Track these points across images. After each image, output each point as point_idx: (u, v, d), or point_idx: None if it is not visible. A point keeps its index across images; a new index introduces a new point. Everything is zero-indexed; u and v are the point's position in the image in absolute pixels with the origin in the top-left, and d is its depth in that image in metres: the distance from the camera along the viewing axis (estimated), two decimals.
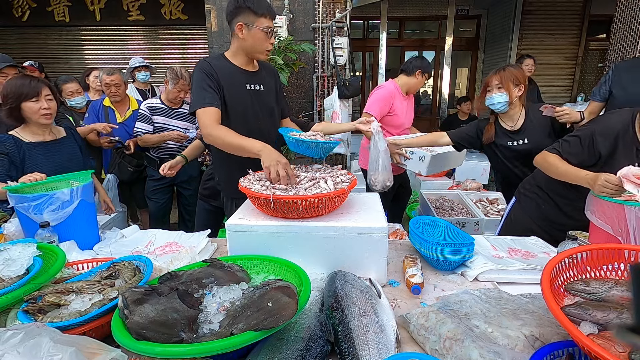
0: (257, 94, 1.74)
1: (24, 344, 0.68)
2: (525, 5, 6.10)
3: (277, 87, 1.87)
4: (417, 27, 7.47)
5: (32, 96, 1.70)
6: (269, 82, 1.81)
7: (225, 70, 1.65)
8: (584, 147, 1.53)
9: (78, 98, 2.97)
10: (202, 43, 5.58)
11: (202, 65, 1.62)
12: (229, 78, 1.65)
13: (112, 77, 2.85)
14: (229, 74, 1.65)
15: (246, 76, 1.70)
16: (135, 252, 1.44)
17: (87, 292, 0.99)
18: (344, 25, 4.47)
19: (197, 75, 1.61)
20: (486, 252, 1.41)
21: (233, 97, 1.65)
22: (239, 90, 1.68)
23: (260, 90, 1.75)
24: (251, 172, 1.46)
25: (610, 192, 1.31)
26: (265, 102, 1.77)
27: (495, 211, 2.94)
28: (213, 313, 0.88)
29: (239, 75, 1.68)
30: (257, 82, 1.74)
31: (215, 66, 1.62)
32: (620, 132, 1.47)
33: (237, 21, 1.58)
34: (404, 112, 2.67)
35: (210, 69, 1.60)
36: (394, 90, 2.64)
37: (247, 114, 1.70)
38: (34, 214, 1.38)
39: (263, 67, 1.81)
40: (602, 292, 0.86)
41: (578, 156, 1.54)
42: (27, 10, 5.76)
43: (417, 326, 0.94)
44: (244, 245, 1.24)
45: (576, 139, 1.56)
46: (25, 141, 1.75)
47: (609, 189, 1.31)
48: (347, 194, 1.32)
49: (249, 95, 1.71)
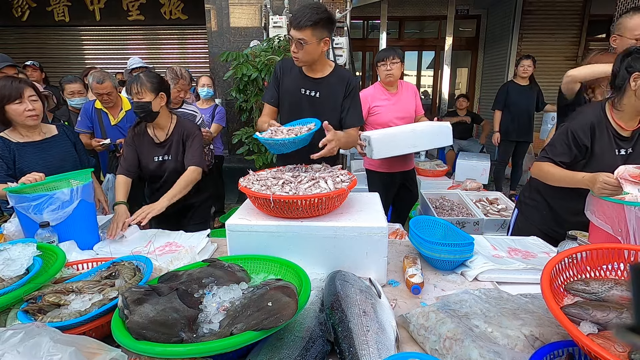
0: (311, 100, 1.83)
1: (24, 343, 0.68)
2: (525, 5, 6.10)
3: (343, 95, 1.85)
4: (417, 27, 7.48)
5: (14, 98, 1.65)
6: (332, 90, 1.83)
7: (292, 72, 1.84)
8: (570, 144, 1.54)
9: (79, 99, 2.95)
10: (202, 43, 5.59)
11: (278, 64, 1.88)
12: (291, 79, 1.84)
13: (103, 86, 2.72)
14: (293, 76, 1.84)
15: (305, 81, 1.82)
16: (135, 252, 1.44)
17: (87, 292, 0.99)
18: (344, 25, 4.47)
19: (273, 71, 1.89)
20: (486, 252, 1.41)
21: (287, 97, 1.82)
22: (295, 93, 1.83)
23: (315, 97, 1.82)
24: (251, 172, 1.47)
25: (610, 193, 1.32)
26: (317, 109, 1.82)
27: (495, 211, 2.93)
28: (213, 313, 0.88)
29: (299, 79, 1.83)
30: (314, 88, 1.82)
31: (285, 66, 1.85)
32: (594, 121, 1.50)
33: None
34: (390, 107, 2.64)
35: (279, 67, 1.85)
36: (371, 92, 2.67)
37: (295, 117, 1.79)
38: (34, 214, 1.38)
39: (333, 75, 1.84)
40: (601, 292, 0.86)
41: (569, 155, 1.54)
42: (27, 10, 5.76)
43: (417, 326, 0.94)
44: (244, 245, 1.24)
45: (560, 140, 1.56)
46: (13, 142, 1.72)
47: (608, 190, 1.32)
48: (347, 194, 1.32)
49: (302, 99, 1.83)
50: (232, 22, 4.76)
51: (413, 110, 2.71)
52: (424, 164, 4.25)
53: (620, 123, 1.49)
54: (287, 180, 1.34)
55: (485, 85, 7.25)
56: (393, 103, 2.65)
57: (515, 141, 4.50)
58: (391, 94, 2.66)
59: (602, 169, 1.39)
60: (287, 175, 1.39)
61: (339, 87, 1.83)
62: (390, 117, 2.62)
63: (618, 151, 1.49)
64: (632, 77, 1.40)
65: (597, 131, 1.49)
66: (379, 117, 2.63)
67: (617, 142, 1.49)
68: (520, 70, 4.26)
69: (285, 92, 1.85)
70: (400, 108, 2.65)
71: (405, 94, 2.71)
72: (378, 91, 2.67)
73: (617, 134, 1.49)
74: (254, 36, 4.63)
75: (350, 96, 1.84)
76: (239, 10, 4.73)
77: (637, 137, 1.50)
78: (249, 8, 4.72)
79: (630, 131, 1.49)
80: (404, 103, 2.68)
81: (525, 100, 4.32)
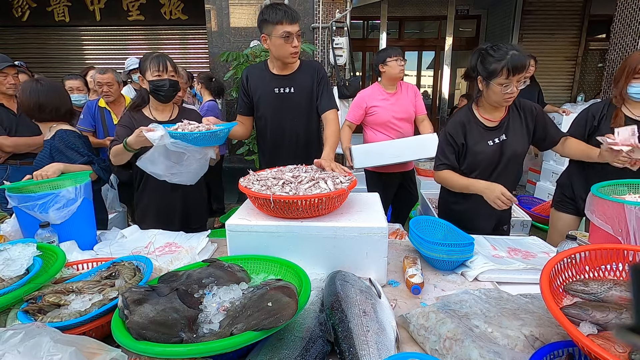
0: (286, 97, 1.86)
1: (24, 343, 0.68)
2: (525, 5, 6.11)
3: (315, 84, 1.91)
4: (417, 27, 7.48)
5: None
6: (304, 82, 1.89)
7: (259, 76, 1.85)
8: (450, 144, 1.70)
9: (78, 95, 2.95)
10: (202, 43, 5.59)
11: (242, 75, 1.90)
12: (260, 83, 1.85)
13: (105, 76, 2.79)
14: (261, 80, 1.85)
15: (277, 80, 1.84)
16: (135, 252, 1.44)
17: (87, 292, 0.99)
18: (344, 25, 4.48)
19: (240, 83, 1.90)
20: (486, 252, 1.41)
21: (263, 100, 1.84)
22: (269, 95, 1.85)
23: (290, 93, 1.86)
24: (251, 172, 1.47)
25: (503, 205, 1.51)
26: (296, 103, 1.87)
27: None
28: (213, 313, 0.88)
29: (270, 80, 1.85)
30: (288, 85, 1.86)
31: (251, 74, 1.87)
32: (464, 120, 1.67)
33: (261, 34, 1.73)
34: (388, 107, 2.64)
35: (244, 78, 1.87)
36: (368, 93, 2.68)
37: (275, 116, 1.84)
38: (40, 212, 1.38)
39: (302, 68, 1.89)
40: (601, 292, 0.86)
41: (454, 153, 1.70)
42: (27, 10, 5.76)
43: (417, 326, 0.94)
44: (244, 245, 1.24)
45: (443, 143, 1.74)
46: None
47: (503, 203, 1.50)
48: (347, 194, 1.32)
49: (278, 98, 1.85)
50: (232, 22, 4.76)
51: (412, 110, 2.70)
52: (423, 164, 4.24)
53: (486, 116, 1.66)
54: (288, 180, 1.34)
55: None
56: (392, 103, 2.64)
57: None
58: (390, 94, 2.65)
59: (478, 160, 1.64)
60: (287, 176, 1.39)
61: (309, 77, 1.89)
62: (388, 117, 2.62)
63: (492, 142, 1.64)
64: (478, 80, 1.59)
65: (467, 127, 1.66)
66: (377, 117, 2.63)
67: (487, 134, 1.65)
68: None
69: (259, 97, 1.88)
70: (399, 108, 2.64)
71: (405, 94, 2.70)
72: (376, 91, 2.66)
73: (484, 127, 1.65)
74: (254, 36, 4.63)
75: (322, 83, 1.92)
76: (239, 11, 4.73)
77: (505, 125, 1.65)
78: (249, 8, 4.72)
79: (497, 122, 1.65)
80: (403, 103, 2.67)
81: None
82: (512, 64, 1.44)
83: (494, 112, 1.65)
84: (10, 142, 2.41)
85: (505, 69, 1.46)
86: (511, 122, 1.65)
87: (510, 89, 1.48)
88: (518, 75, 1.47)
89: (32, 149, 2.51)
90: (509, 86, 1.48)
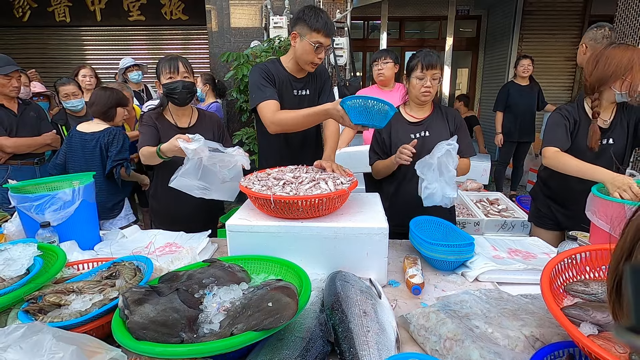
0: (303, 98, 1.88)
1: (27, 340, 0.68)
2: (525, 6, 6.10)
3: (322, 87, 1.95)
4: (417, 28, 7.49)
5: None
6: (316, 85, 1.92)
7: (280, 75, 1.82)
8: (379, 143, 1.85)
9: (75, 101, 2.91)
10: (203, 43, 5.59)
11: (261, 67, 1.79)
12: (281, 83, 1.82)
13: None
14: (282, 79, 1.82)
15: (295, 82, 1.85)
16: (136, 252, 1.44)
17: (88, 292, 0.99)
18: (344, 26, 4.48)
19: (256, 76, 1.77)
20: (486, 253, 1.41)
21: (283, 101, 1.81)
22: (288, 96, 1.84)
23: (307, 95, 1.89)
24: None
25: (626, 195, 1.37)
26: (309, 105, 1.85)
27: (496, 212, 2.93)
28: (213, 313, 0.88)
29: (289, 81, 1.84)
30: (305, 87, 1.88)
31: (272, 69, 1.81)
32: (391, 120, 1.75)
33: (293, 30, 1.73)
34: None
35: (268, 71, 1.79)
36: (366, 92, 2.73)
37: None
38: (36, 213, 1.38)
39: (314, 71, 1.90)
40: (601, 292, 0.86)
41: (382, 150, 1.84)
42: (28, 11, 5.77)
43: (417, 326, 0.94)
44: (244, 245, 1.24)
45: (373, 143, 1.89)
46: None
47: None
48: (347, 195, 1.32)
49: (296, 100, 1.86)
50: (232, 23, 4.77)
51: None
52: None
53: (411, 114, 1.83)
54: (288, 180, 1.34)
55: (485, 86, 7.26)
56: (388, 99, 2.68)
57: (517, 141, 4.50)
58: (384, 92, 2.70)
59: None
60: (288, 176, 1.39)
61: (320, 80, 1.94)
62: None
63: (414, 135, 1.77)
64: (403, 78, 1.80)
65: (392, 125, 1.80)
66: None
67: (409, 129, 1.80)
68: (520, 70, 4.26)
69: (281, 96, 1.84)
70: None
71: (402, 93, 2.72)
72: (373, 92, 2.73)
73: (408, 122, 1.82)
74: (254, 36, 4.63)
75: (326, 84, 1.98)
76: (239, 11, 4.74)
77: (428, 123, 1.79)
78: (250, 8, 4.72)
79: (421, 119, 1.81)
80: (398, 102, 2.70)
81: (526, 100, 4.32)
82: (425, 60, 1.68)
83: (418, 110, 1.83)
84: (11, 143, 2.41)
85: (420, 63, 1.68)
86: (434, 121, 1.82)
87: (426, 82, 1.70)
88: (432, 71, 1.68)
89: (32, 149, 2.52)
90: (425, 79, 1.69)
